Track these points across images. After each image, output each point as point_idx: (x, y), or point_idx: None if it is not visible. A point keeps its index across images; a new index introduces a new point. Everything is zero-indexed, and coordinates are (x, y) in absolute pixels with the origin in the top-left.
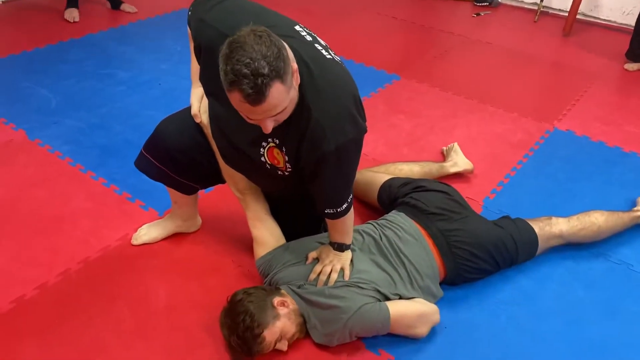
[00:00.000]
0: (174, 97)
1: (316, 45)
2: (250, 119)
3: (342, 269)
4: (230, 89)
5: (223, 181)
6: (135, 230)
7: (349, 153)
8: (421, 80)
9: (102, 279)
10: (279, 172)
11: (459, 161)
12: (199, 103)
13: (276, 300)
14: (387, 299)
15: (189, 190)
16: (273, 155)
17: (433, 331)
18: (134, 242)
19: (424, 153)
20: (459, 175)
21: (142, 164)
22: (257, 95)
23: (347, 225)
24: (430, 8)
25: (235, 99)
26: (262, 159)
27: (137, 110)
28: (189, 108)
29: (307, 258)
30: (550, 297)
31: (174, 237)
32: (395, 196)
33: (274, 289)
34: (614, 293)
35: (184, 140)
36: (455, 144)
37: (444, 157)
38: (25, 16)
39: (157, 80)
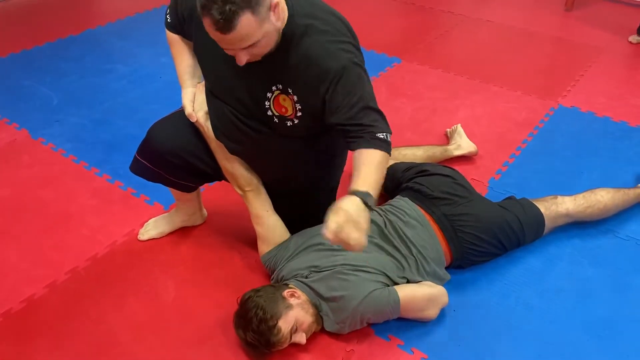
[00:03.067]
0: (175, 90)
1: None
2: (226, 50)
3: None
4: (203, 15)
5: (221, 178)
6: (142, 226)
7: (359, 74)
8: (422, 62)
9: (110, 275)
10: (288, 123)
11: (462, 144)
12: (192, 103)
13: (286, 292)
14: (395, 283)
15: (188, 189)
16: (279, 104)
17: (442, 314)
18: (141, 237)
19: (428, 136)
20: (463, 157)
21: (137, 169)
22: (226, 23)
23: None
24: None
25: (207, 26)
26: (269, 112)
27: (139, 105)
28: (181, 110)
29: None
30: (558, 276)
31: (180, 231)
32: (399, 181)
33: (282, 284)
34: (622, 269)
35: (177, 142)
36: (459, 126)
37: (448, 139)
38: (25, 14)
39: (158, 73)
